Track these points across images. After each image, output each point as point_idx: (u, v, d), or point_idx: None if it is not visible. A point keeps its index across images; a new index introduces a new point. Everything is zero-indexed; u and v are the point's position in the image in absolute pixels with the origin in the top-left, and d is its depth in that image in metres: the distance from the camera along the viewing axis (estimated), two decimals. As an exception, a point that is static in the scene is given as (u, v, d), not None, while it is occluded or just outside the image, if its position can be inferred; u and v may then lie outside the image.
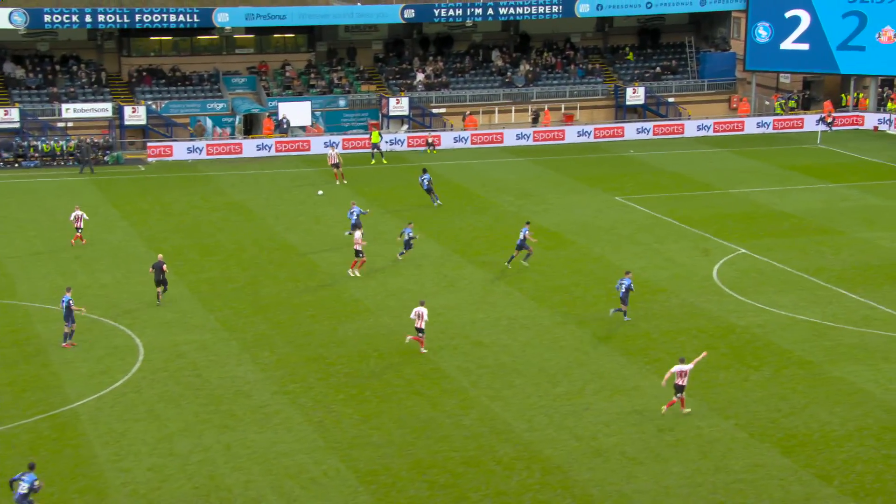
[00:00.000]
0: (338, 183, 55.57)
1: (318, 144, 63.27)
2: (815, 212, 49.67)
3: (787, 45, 69.40)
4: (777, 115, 70.03)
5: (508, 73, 71.39)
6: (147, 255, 43.27)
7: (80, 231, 44.51)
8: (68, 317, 33.78)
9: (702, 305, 37.63)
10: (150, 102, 64.58)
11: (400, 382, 31.65)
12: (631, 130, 67.19)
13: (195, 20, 64.92)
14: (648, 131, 67.05)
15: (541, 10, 69.22)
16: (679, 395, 29.23)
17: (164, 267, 37.83)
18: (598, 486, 25.74)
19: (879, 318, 36.09)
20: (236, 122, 65.72)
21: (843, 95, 72.15)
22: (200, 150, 61.58)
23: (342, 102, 67.99)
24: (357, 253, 40.99)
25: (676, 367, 29.25)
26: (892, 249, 43.75)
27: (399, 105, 66.80)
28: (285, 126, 64.88)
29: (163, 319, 36.29)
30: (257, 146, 62.72)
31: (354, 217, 45.02)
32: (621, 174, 57.69)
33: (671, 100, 71.26)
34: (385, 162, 60.92)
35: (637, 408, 29.73)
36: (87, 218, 45.11)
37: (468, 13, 68.85)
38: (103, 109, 63.40)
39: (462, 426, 28.84)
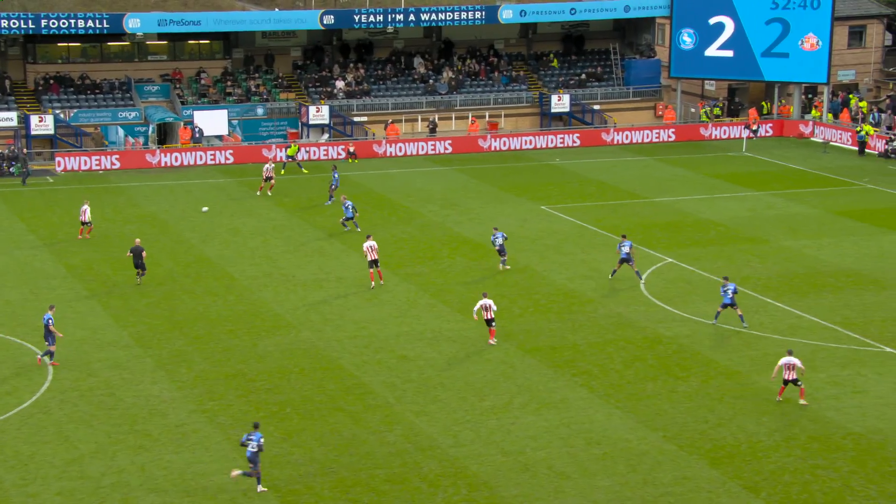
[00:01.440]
0: (258, 193, 55.25)
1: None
2: (741, 220, 50.50)
3: (712, 51, 70.57)
4: (703, 122, 71.12)
5: (431, 81, 71.58)
6: (55, 269, 42.63)
7: (85, 225, 46.72)
8: (48, 336, 33.43)
9: (629, 316, 38.04)
10: (57, 111, 63.62)
11: (322, 398, 31.53)
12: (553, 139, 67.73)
13: (105, 26, 64.14)
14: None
15: (463, 16, 69.57)
16: (798, 384, 30.45)
17: (143, 253, 40.78)
18: (525, 502, 25.86)
19: (805, 327, 36.79)
20: (150, 132, 65.01)
21: (763, 103, 73.47)
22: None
23: (260, 111, 67.61)
24: (374, 263, 40.85)
25: (784, 360, 30.20)
26: (816, 258, 44.66)
27: (319, 113, 66.61)
28: (198, 136, 64.33)
29: (73, 337, 35.73)
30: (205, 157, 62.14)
31: (350, 211, 47.73)
32: (546, 183, 58.11)
33: (597, 107, 72.03)
34: (305, 172, 60.71)
35: (565, 421, 29.94)
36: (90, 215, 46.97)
37: (389, 19, 68.94)
38: (8, 119, 62.31)
39: (386, 442, 28.81)
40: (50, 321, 33.40)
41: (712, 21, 70.13)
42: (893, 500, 25.68)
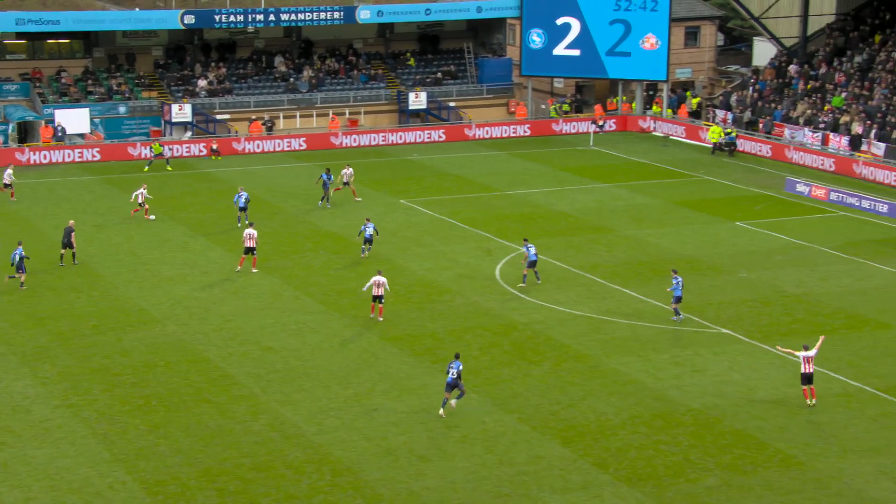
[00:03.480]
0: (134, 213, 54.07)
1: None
2: (589, 211, 51.46)
3: (560, 50, 71.62)
4: (553, 118, 72.19)
5: (292, 79, 71.00)
6: (-85, 269, 41.07)
7: (141, 206, 48.02)
8: (20, 266, 38.49)
9: (485, 304, 38.43)
10: (-85, 110, 61.09)
11: (188, 391, 31.05)
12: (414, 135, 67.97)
13: (-39, 24, 61.85)
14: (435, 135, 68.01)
15: (322, 16, 69.15)
16: (808, 385, 29.52)
17: (73, 234, 41.50)
18: (387, 485, 25.94)
19: (649, 311, 37.72)
20: (10, 130, 62.89)
21: (606, 101, 74.97)
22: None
23: (122, 109, 66.04)
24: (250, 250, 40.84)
25: (801, 353, 29.55)
26: (659, 245, 45.82)
27: (182, 111, 65.42)
28: (60, 134, 62.55)
29: (-66, 336, 34.42)
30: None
31: (242, 202, 46.86)
32: (405, 178, 58.27)
33: (452, 104, 72.46)
34: (170, 169, 59.61)
35: (425, 406, 30.11)
36: (148, 196, 48.60)
37: (249, 19, 68.09)
38: None
39: (252, 432, 28.54)
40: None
41: (559, 22, 71.15)
42: (728, 471, 26.57)
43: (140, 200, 48.46)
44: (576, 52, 71.26)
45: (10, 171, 50.37)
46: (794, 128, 63.60)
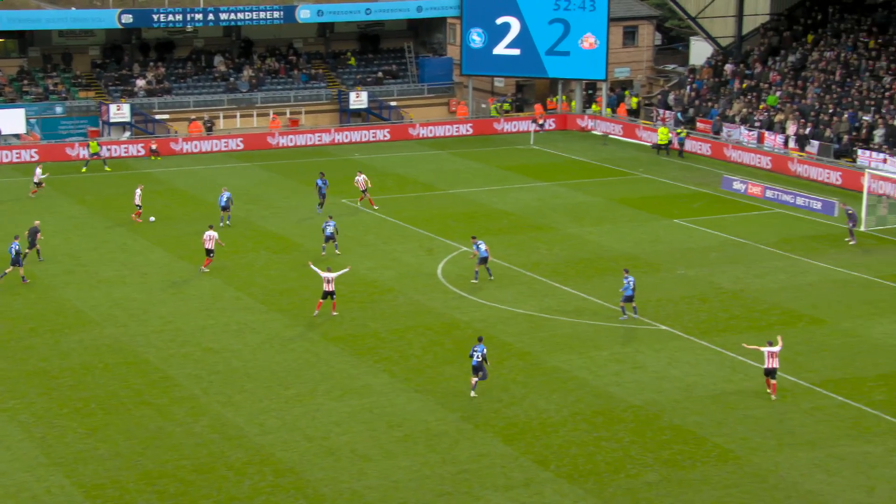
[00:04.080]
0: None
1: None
2: (530, 209, 51.64)
3: (500, 50, 71.79)
4: (493, 117, 72.33)
5: (232, 79, 70.46)
6: None
7: (140, 209, 47.49)
8: (17, 261, 39.10)
9: (427, 303, 38.40)
10: None
11: (127, 393, 30.68)
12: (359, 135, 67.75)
13: None
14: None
15: (262, 15, 68.69)
16: (770, 378, 30.20)
17: (39, 235, 41.86)
18: (329, 485, 25.82)
19: (590, 309, 37.92)
20: (-56, 130, 61.81)
21: (547, 100, 75.28)
22: None
23: (59, 109, 65.11)
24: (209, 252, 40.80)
25: (765, 349, 30.19)
26: (599, 243, 46.09)
27: (120, 111, 64.65)
28: (-6, 134, 61.63)
29: None
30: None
31: (224, 201, 47.07)
32: (347, 177, 58.08)
33: (393, 104, 72.34)
34: (108, 169, 58.88)
35: (367, 406, 30.01)
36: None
37: (188, 19, 67.44)
38: None
39: (193, 434, 28.26)
40: (18, 247, 39.08)
41: (499, 21, 71.31)
42: (668, 466, 26.78)
43: (138, 202, 47.69)
44: (516, 52, 71.48)
45: (39, 169, 51.44)
46: (731, 126, 64.31)
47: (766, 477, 26.29)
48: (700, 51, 79.54)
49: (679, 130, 63.69)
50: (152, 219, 47.90)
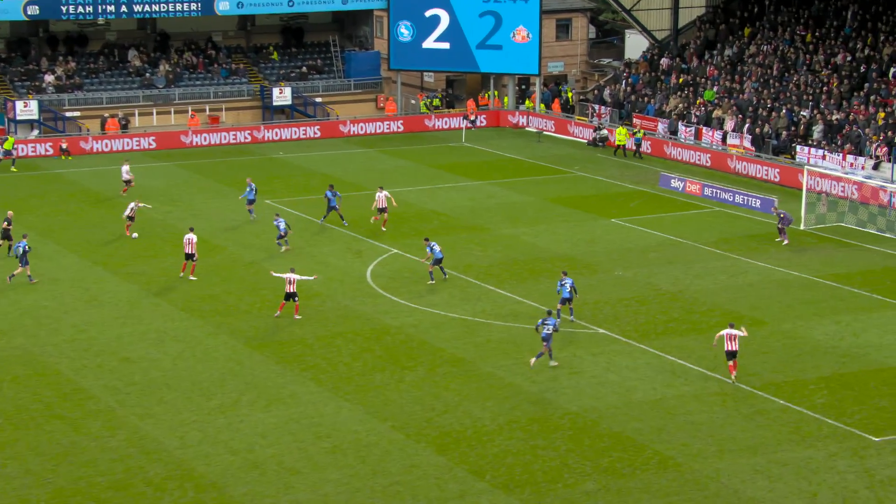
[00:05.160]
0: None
1: None
2: (462, 209, 51.75)
3: (429, 43, 71.89)
4: (423, 113, 72.38)
5: (147, 74, 69.69)
6: None
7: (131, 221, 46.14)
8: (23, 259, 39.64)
9: (356, 308, 38.30)
10: None
11: (38, 407, 30.17)
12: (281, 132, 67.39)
13: None
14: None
15: (178, 7, 68.02)
16: (731, 360, 31.76)
17: (7, 224, 42.63)
18: (255, 501, 25.62)
19: (525, 312, 38.09)
20: None
21: (478, 95, 75.50)
22: None
23: (-39, 106, 63.97)
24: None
25: (726, 331, 31.78)
26: (534, 244, 46.33)
27: (27, 108, 63.64)
28: None
29: None
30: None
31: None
32: (271, 177, 57.74)
33: (319, 100, 72.07)
34: (14, 170, 57.91)
35: (294, 416, 29.85)
36: (141, 206, 46.66)
37: (100, 10, 66.57)
38: None
39: (108, 448, 27.88)
40: (26, 246, 39.74)
41: (428, 14, 71.40)
42: (606, 474, 26.99)
43: (130, 214, 45.92)
44: (445, 46, 71.63)
45: (126, 166, 51.54)
46: (668, 122, 65.01)
47: (707, 484, 26.61)
48: (635, 44, 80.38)
49: (635, 131, 63.44)
50: (135, 235, 46.56)
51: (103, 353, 33.97)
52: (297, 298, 36.83)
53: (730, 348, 31.78)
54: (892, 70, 59.36)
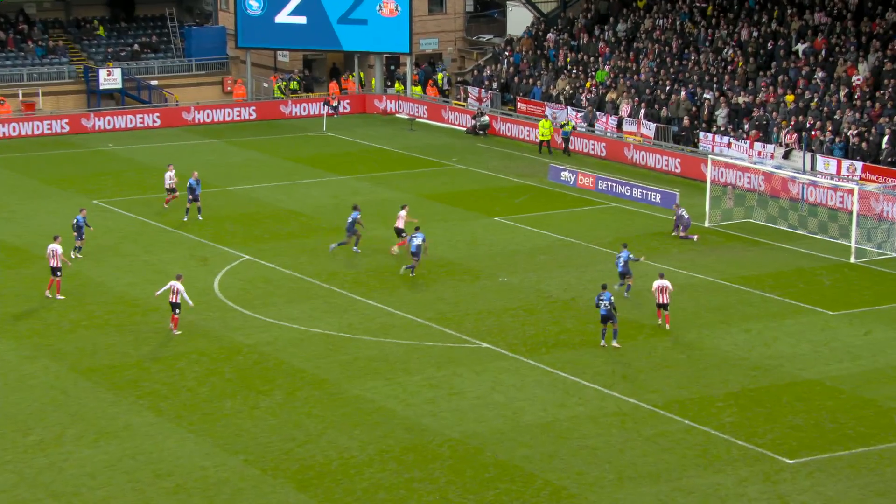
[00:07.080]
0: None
1: None
2: (325, 209, 51.61)
3: (283, 17, 71.50)
4: (277, 98, 71.96)
5: (-51, 52, 68.04)
6: None
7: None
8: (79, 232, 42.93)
9: (202, 324, 37.90)
10: None
11: None
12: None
13: None
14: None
15: (-16, -27, 66.54)
16: (665, 311, 36.91)
17: None
18: (84, 553, 25.12)
19: (398, 325, 38.13)
20: None
21: (341, 77, 75.42)
22: None
23: None
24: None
25: (657, 283, 36.76)
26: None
27: None
28: None
29: None
30: None
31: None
32: (99, 173, 56.85)
33: (154, 83, 71.13)
34: None
35: (129, 452, 29.38)
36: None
37: None
38: None
39: None
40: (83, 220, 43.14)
41: (282, -18, 71.08)
42: (495, 509, 27.17)
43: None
44: (302, 20, 71.33)
45: (171, 172, 50.14)
46: (556, 106, 65.81)
47: (606, 516, 26.96)
48: (519, 19, 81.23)
49: (563, 123, 62.96)
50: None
51: None
52: (178, 311, 36.68)
53: (661, 301, 36.75)
54: (800, 47, 60.98)
